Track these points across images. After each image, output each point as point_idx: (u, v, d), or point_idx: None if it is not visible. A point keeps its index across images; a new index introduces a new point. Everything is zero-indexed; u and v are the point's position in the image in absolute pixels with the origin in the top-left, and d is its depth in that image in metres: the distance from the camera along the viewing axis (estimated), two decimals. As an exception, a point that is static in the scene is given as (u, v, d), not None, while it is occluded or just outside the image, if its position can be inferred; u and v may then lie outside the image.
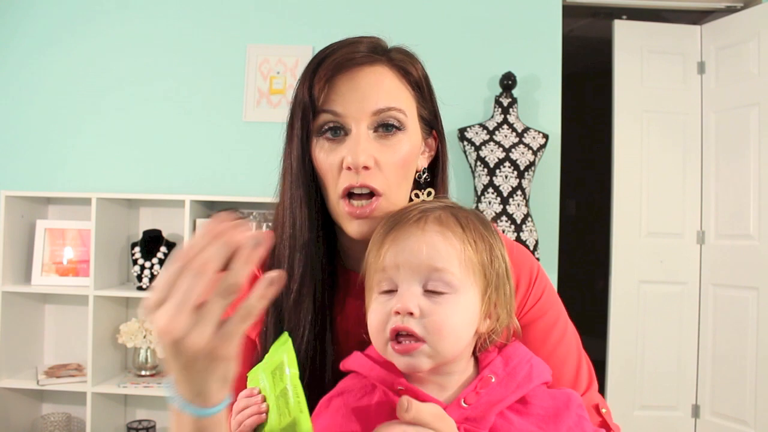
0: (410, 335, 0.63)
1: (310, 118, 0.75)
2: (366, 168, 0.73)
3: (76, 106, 2.85)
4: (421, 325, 0.63)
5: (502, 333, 0.71)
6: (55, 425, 2.65)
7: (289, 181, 0.78)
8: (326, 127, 0.75)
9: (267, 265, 0.80)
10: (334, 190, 0.75)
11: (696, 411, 2.94)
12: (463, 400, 0.65)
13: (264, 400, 0.65)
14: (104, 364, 2.59)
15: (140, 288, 2.57)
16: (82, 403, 2.56)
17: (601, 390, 3.14)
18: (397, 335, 0.64)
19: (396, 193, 0.76)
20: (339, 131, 0.75)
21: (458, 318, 0.65)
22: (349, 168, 0.73)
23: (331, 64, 0.74)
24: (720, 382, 2.88)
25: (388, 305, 0.65)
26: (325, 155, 0.75)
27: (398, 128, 0.75)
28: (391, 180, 0.75)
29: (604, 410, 0.78)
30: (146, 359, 2.62)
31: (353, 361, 0.71)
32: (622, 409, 2.96)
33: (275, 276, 0.51)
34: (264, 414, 0.65)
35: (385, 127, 0.75)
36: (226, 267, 0.50)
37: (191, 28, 2.86)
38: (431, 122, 0.82)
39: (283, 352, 0.64)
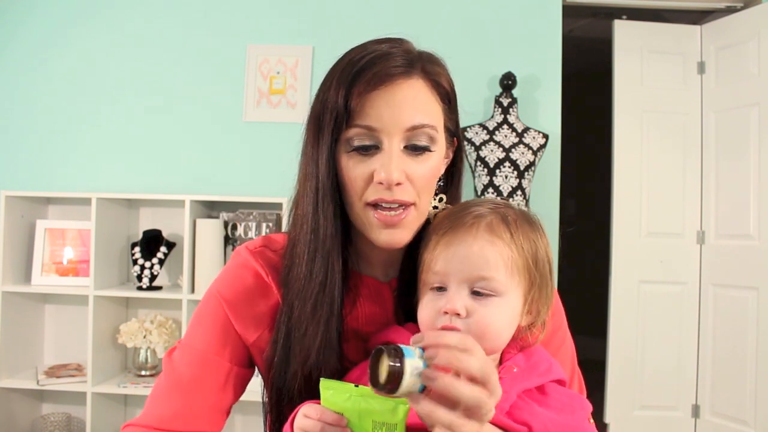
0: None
1: (342, 126, 0.74)
2: (398, 184, 0.73)
3: (76, 106, 2.85)
4: (466, 324, 0.69)
5: (540, 326, 0.77)
6: (55, 425, 2.65)
7: (313, 188, 0.77)
8: (356, 141, 0.74)
9: (284, 267, 0.80)
10: (359, 199, 0.75)
11: (696, 411, 2.94)
12: None
13: None
14: (104, 364, 2.59)
15: (140, 288, 2.57)
16: (82, 403, 2.56)
17: (601, 390, 3.15)
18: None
19: (424, 202, 0.78)
20: (370, 146, 0.74)
21: (501, 318, 0.71)
22: (380, 182, 0.73)
23: (371, 78, 0.73)
24: (720, 382, 2.88)
25: (438, 303, 0.71)
26: (355, 165, 0.75)
27: (429, 146, 0.76)
28: (421, 192, 0.76)
29: (592, 421, 0.81)
30: (146, 359, 2.62)
31: (394, 334, 0.76)
32: (622, 409, 2.97)
33: None
34: None
35: (416, 148, 0.75)
36: None
37: (191, 28, 2.86)
38: (454, 131, 0.83)
39: (399, 415, 0.61)
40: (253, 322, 0.81)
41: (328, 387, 0.64)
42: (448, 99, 0.80)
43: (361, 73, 0.73)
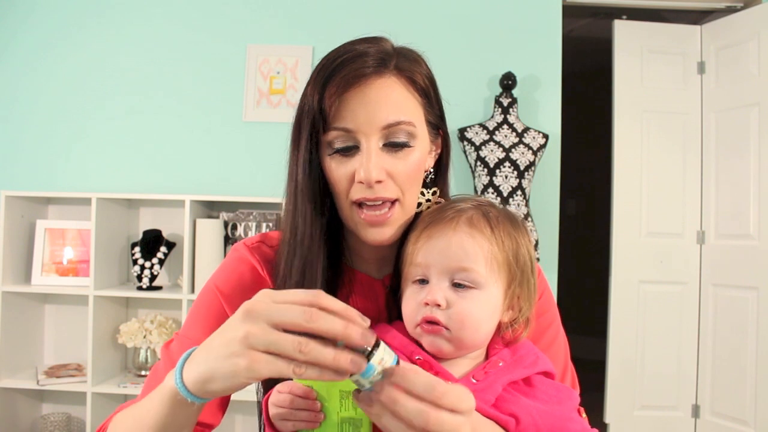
0: (437, 323, 0.71)
1: (320, 130, 0.76)
2: (379, 182, 0.75)
3: (76, 107, 2.85)
4: (446, 315, 0.71)
5: (522, 323, 0.77)
6: (55, 425, 2.65)
7: (293, 190, 0.80)
8: (337, 143, 0.76)
9: (274, 263, 0.83)
10: (346, 199, 0.77)
11: (696, 411, 2.94)
12: (472, 376, 0.71)
13: (320, 408, 0.66)
14: (104, 364, 2.59)
15: (140, 288, 2.57)
16: (82, 403, 2.56)
17: (601, 390, 3.15)
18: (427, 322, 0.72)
19: (409, 198, 0.79)
20: (350, 147, 0.76)
21: (480, 311, 0.72)
22: (361, 182, 0.75)
23: (342, 80, 0.74)
24: (720, 382, 2.88)
25: (419, 295, 0.72)
26: (337, 166, 0.77)
27: (408, 143, 0.77)
28: (404, 188, 0.78)
29: (584, 416, 0.81)
30: (146, 359, 2.62)
31: (377, 331, 0.76)
32: (622, 409, 2.97)
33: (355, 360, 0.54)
34: (317, 423, 0.66)
35: (395, 145, 0.76)
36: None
37: (192, 28, 2.86)
38: (438, 124, 0.84)
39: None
40: None
41: None
42: (426, 93, 0.81)
43: (334, 75, 0.75)
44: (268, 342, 0.53)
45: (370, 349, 0.55)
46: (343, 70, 0.75)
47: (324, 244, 0.80)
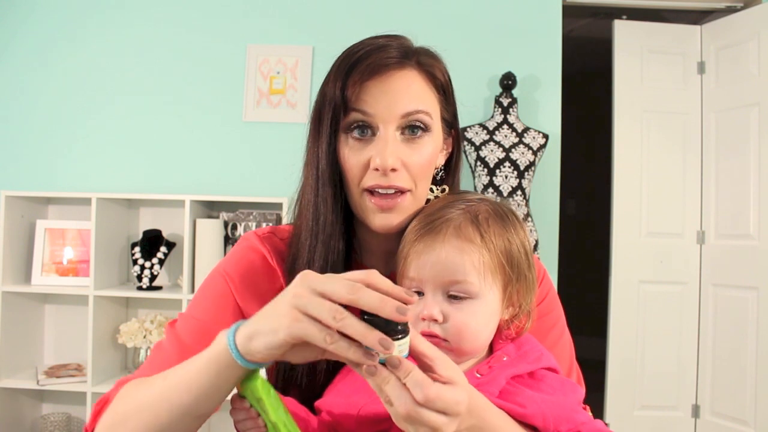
0: (436, 336, 0.71)
1: (340, 116, 0.77)
2: (393, 170, 0.76)
3: (76, 107, 2.85)
4: (443, 329, 0.70)
5: (524, 316, 0.77)
6: (55, 425, 2.65)
7: (314, 176, 0.80)
8: (355, 126, 0.77)
9: (290, 256, 0.83)
10: (358, 186, 0.78)
11: (696, 411, 2.94)
12: (476, 371, 0.71)
13: (258, 415, 0.67)
14: (104, 364, 2.59)
15: (140, 288, 2.57)
16: (82, 403, 2.56)
17: (601, 390, 3.15)
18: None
19: (420, 190, 0.80)
20: (367, 131, 0.77)
21: (478, 320, 0.71)
22: (376, 169, 0.76)
23: (365, 69, 0.76)
24: (720, 382, 2.88)
25: (416, 309, 0.71)
26: (352, 153, 0.78)
27: (424, 130, 0.78)
28: (417, 179, 0.78)
29: (590, 414, 0.81)
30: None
31: None
32: (622, 409, 2.97)
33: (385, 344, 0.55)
34: (263, 429, 0.68)
35: (412, 129, 0.78)
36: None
37: (191, 28, 2.86)
38: (452, 123, 0.86)
39: (259, 389, 0.65)
40: (256, 298, 0.81)
41: (247, 378, 0.66)
42: (444, 90, 0.83)
43: (357, 65, 0.77)
44: (308, 304, 0.56)
45: (403, 333, 0.56)
46: (367, 59, 0.77)
47: (343, 231, 0.80)
